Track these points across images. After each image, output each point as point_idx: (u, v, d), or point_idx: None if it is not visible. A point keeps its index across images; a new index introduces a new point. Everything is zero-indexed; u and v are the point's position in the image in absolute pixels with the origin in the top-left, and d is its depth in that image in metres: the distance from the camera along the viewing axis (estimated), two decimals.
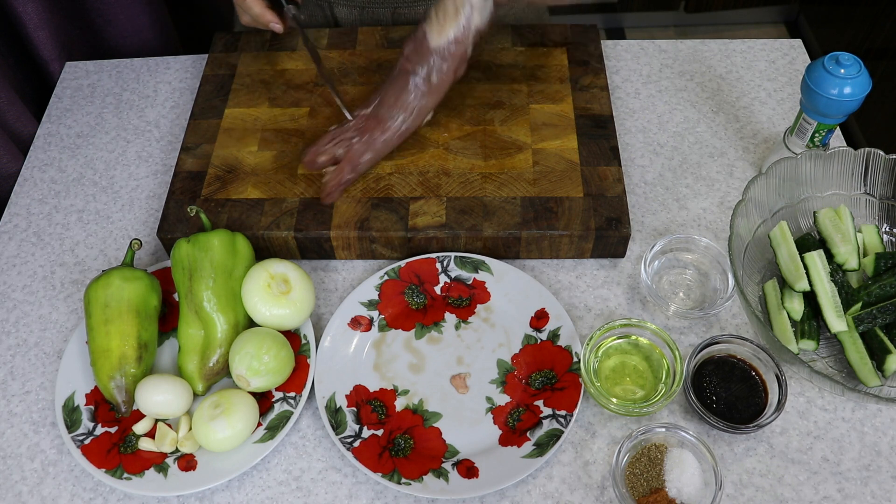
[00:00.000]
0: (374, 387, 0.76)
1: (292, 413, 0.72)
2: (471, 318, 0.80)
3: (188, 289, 0.75)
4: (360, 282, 0.83)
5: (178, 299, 0.78)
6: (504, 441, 0.72)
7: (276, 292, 0.74)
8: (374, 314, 0.80)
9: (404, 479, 0.69)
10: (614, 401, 0.71)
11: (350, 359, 0.77)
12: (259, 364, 0.71)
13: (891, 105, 1.75)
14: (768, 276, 0.79)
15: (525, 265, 0.84)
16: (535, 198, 0.82)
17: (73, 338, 0.77)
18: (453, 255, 0.82)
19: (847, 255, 0.75)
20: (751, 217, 0.77)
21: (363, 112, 0.84)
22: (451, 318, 0.80)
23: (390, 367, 0.77)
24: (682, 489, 0.66)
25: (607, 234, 0.80)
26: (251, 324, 0.77)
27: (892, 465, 0.70)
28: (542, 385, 0.75)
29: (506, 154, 0.86)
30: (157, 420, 0.74)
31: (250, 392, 0.73)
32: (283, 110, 0.91)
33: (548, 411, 0.73)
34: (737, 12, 2.30)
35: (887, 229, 0.80)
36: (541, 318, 0.78)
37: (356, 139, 0.82)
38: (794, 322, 0.74)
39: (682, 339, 0.78)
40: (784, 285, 0.76)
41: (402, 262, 0.81)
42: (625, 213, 0.81)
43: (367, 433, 0.72)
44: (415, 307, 0.81)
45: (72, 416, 0.73)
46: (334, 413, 0.73)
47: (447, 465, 0.71)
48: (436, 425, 0.74)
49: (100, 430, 0.73)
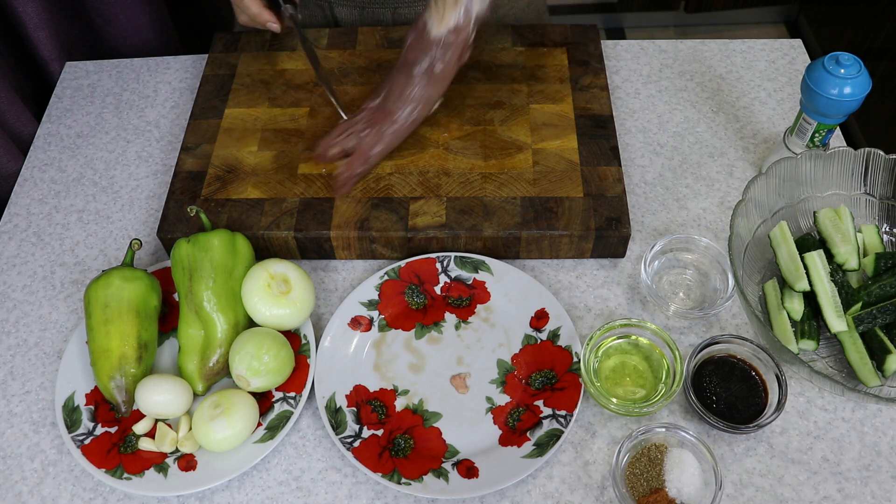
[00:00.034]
0: (374, 387, 0.76)
1: (292, 413, 0.72)
2: (471, 318, 0.80)
3: (188, 289, 0.75)
4: (360, 282, 0.83)
5: (178, 299, 0.78)
6: (504, 441, 0.72)
7: (276, 292, 0.74)
8: (374, 314, 0.80)
9: (404, 479, 0.69)
10: (614, 401, 0.71)
11: (350, 359, 0.77)
12: (259, 364, 0.71)
13: (891, 105, 1.75)
14: (768, 276, 0.79)
15: (525, 265, 0.84)
16: (535, 198, 0.82)
17: (73, 338, 0.77)
18: (453, 255, 0.82)
19: (847, 255, 0.75)
20: (751, 217, 0.77)
21: (372, 104, 0.84)
22: (451, 318, 0.80)
23: (390, 367, 0.77)
24: (682, 489, 0.66)
25: (607, 234, 0.80)
26: (251, 324, 0.77)
27: (892, 465, 0.70)
28: (542, 385, 0.75)
29: (506, 154, 0.86)
30: (157, 420, 0.74)
31: (250, 392, 0.73)
32: (283, 110, 0.91)
33: (548, 411, 0.73)
34: (737, 12, 2.30)
35: (887, 229, 0.80)
36: (541, 318, 0.78)
37: (366, 131, 0.82)
38: (794, 322, 0.74)
39: (682, 339, 0.78)
40: (784, 285, 0.76)
41: (402, 262, 0.81)
42: (625, 213, 0.81)
43: (367, 433, 0.72)
44: (415, 307, 0.81)
45: (72, 416, 0.73)
46: (334, 413, 0.73)
47: (447, 465, 0.70)
48: (436, 425, 0.74)
49: (100, 430, 0.73)
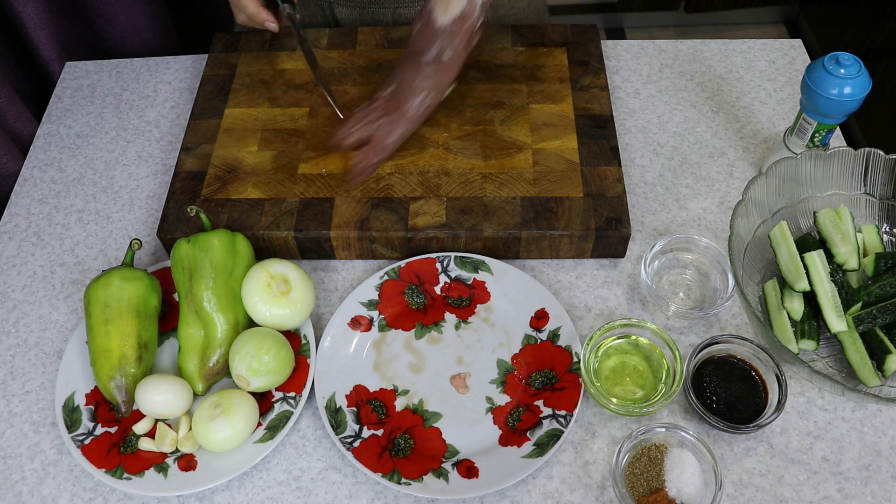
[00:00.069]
0: (374, 387, 0.76)
1: (292, 413, 0.72)
2: (471, 318, 0.80)
3: (188, 289, 0.75)
4: (360, 282, 0.83)
5: (178, 299, 0.78)
6: (504, 441, 0.72)
7: (276, 292, 0.74)
8: (374, 314, 0.80)
9: (404, 479, 0.69)
10: (614, 401, 0.71)
11: (350, 359, 0.77)
12: (259, 364, 0.71)
13: (891, 105, 1.75)
14: (768, 276, 0.79)
15: (525, 265, 0.84)
16: (535, 198, 0.82)
17: (73, 338, 0.77)
18: (453, 255, 0.82)
19: (847, 255, 0.75)
20: (751, 217, 0.77)
21: (384, 93, 0.83)
22: (451, 318, 0.80)
23: (390, 367, 0.77)
24: (682, 489, 0.66)
25: (607, 234, 0.80)
26: (251, 324, 0.77)
27: (892, 465, 0.70)
28: (542, 385, 0.75)
29: (506, 154, 0.86)
30: (157, 420, 0.74)
31: (250, 392, 0.73)
32: (283, 110, 0.91)
33: (548, 411, 0.73)
34: (737, 12, 2.30)
35: (887, 229, 0.80)
36: (541, 318, 0.78)
37: (381, 121, 0.82)
38: (794, 322, 0.74)
39: (682, 339, 0.78)
40: (784, 285, 0.76)
41: (402, 262, 0.81)
42: (625, 213, 0.81)
43: (367, 433, 0.72)
44: (415, 307, 0.81)
45: (72, 416, 0.73)
46: (334, 413, 0.73)
47: (447, 465, 0.70)
48: (436, 425, 0.74)
49: (100, 430, 0.73)
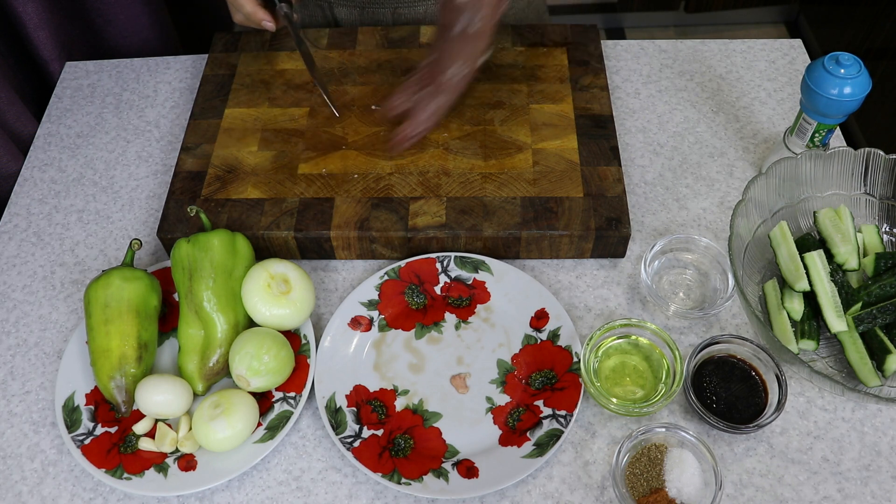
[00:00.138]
0: (374, 387, 0.76)
1: (292, 413, 0.72)
2: (471, 318, 0.80)
3: (188, 289, 0.75)
4: (360, 282, 0.83)
5: (178, 299, 0.78)
6: (504, 441, 0.72)
7: (276, 292, 0.74)
8: (374, 314, 0.80)
9: (404, 479, 0.69)
10: (614, 401, 0.71)
11: (350, 359, 0.77)
12: (259, 364, 0.71)
13: (891, 105, 1.75)
14: (768, 276, 0.79)
15: (525, 265, 0.84)
16: (535, 198, 0.82)
17: (73, 338, 0.77)
18: (453, 255, 0.82)
19: (847, 255, 0.75)
20: (751, 217, 0.77)
21: (424, 66, 0.84)
22: (451, 318, 0.80)
23: (390, 367, 0.77)
24: (682, 489, 0.66)
25: (607, 234, 0.80)
26: (251, 324, 0.77)
27: (892, 465, 0.70)
28: (542, 385, 0.75)
29: (506, 154, 0.86)
30: (157, 420, 0.74)
31: (250, 392, 0.73)
32: (283, 110, 0.91)
33: (548, 411, 0.73)
34: (737, 12, 2.30)
35: (887, 229, 0.80)
36: (541, 318, 0.78)
37: (420, 93, 0.83)
38: (794, 322, 0.74)
39: (682, 339, 0.78)
40: (784, 285, 0.76)
41: (402, 262, 0.81)
42: (625, 213, 0.81)
43: (367, 433, 0.72)
44: (415, 307, 0.81)
45: (72, 416, 0.73)
46: (334, 413, 0.73)
47: (447, 465, 0.70)
48: (436, 425, 0.74)
49: (100, 430, 0.73)
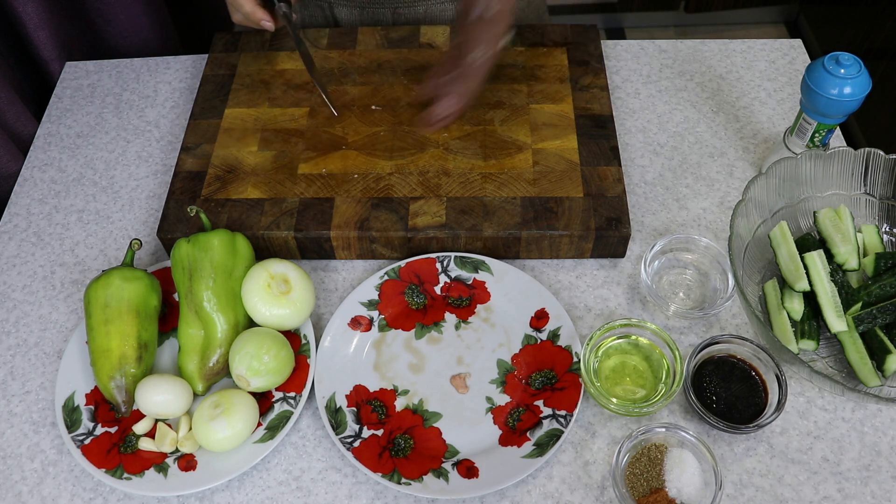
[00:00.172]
0: (374, 387, 0.76)
1: (292, 413, 0.72)
2: (471, 318, 0.80)
3: (188, 289, 0.75)
4: (360, 282, 0.83)
5: (178, 299, 0.78)
6: (504, 441, 0.72)
7: (276, 292, 0.74)
8: (374, 314, 0.80)
9: (404, 479, 0.69)
10: (614, 401, 0.71)
11: (350, 359, 0.77)
12: (259, 364, 0.71)
13: (891, 105, 1.75)
14: (768, 276, 0.79)
15: (525, 265, 0.84)
16: (535, 198, 0.82)
17: (73, 338, 0.77)
18: (453, 255, 0.82)
19: (847, 255, 0.75)
20: (751, 217, 0.77)
21: (449, 51, 0.86)
22: (451, 318, 0.80)
23: (390, 367, 0.77)
24: (682, 489, 0.66)
25: (607, 234, 0.80)
26: (251, 324, 0.77)
27: (892, 465, 0.70)
28: (542, 385, 0.75)
29: (506, 154, 0.86)
30: (157, 420, 0.74)
31: (250, 392, 0.73)
32: (283, 110, 0.91)
33: (548, 411, 0.73)
34: (737, 12, 2.30)
35: (887, 229, 0.80)
36: (541, 318, 0.78)
37: (447, 77, 0.85)
38: (794, 322, 0.74)
39: (682, 339, 0.78)
40: (784, 285, 0.76)
41: (402, 262, 0.81)
42: (625, 213, 0.81)
43: (367, 433, 0.72)
44: (415, 307, 0.81)
45: (72, 416, 0.73)
46: (334, 413, 0.73)
47: (447, 465, 0.70)
48: (436, 425, 0.74)
49: (100, 430, 0.73)
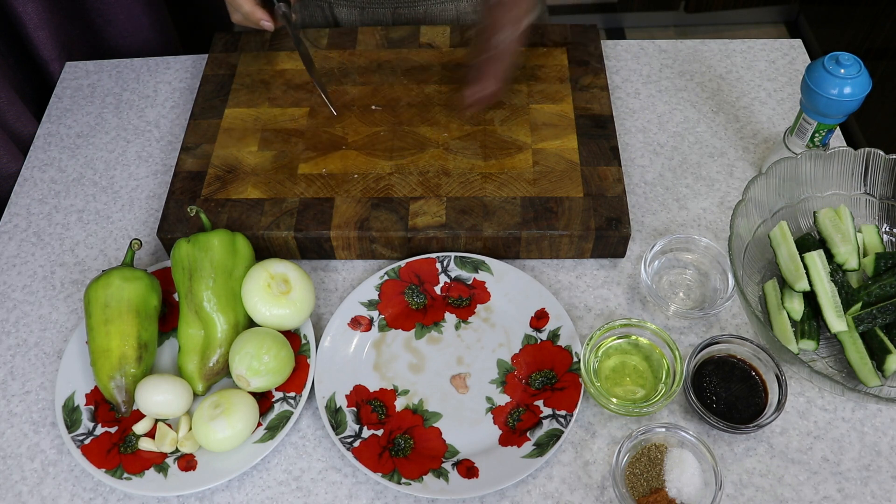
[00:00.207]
0: (374, 387, 0.76)
1: (292, 413, 0.72)
2: (471, 318, 0.80)
3: (188, 289, 0.75)
4: (360, 282, 0.83)
5: (178, 299, 0.78)
6: (504, 441, 0.72)
7: (276, 292, 0.74)
8: (374, 314, 0.80)
9: (404, 479, 0.69)
10: (614, 401, 0.71)
11: (350, 359, 0.77)
12: (259, 364, 0.71)
13: (891, 105, 1.75)
14: (768, 276, 0.79)
15: (525, 265, 0.84)
16: (535, 198, 0.82)
17: (73, 338, 0.77)
18: (453, 255, 0.82)
19: (847, 255, 0.75)
20: (751, 217, 0.77)
21: (475, 33, 0.88)
22: (451, 318, 0.80)
23: (390, 367, 0.77)
24: (682, 489, 0.66)
25: (607, 234, 0.80)
26: (251, 324, 0.77)
27: (892, 465, 0.70)
28: (542, 385, 0.75)
29: (506, 154, 0.86)
30: (157, 420, 0.74)
31: (250, 392, 0.73)
32: (283, 110, 0.91)
33: (548, 411, 0.73)
34: (737, 12, 2.30)
35: (887, 229, 0.80)
36: (541, 318, 0.78)
37: (479, 60, 0.85)
38: (794, 322, 0.74)
39: (682, 339, 0.78)
40: (784, 285, 0.76)
41: (402, 262, 0.81)
42: (625, 213, 0.81)
43: (367, 433, 0.72)
44: (415, 307, 0.81)
45: (72, 416, 0.73)
46: (334, 413, 0.73)
47: (447, 465, 0.70)
48: (436, 425, 0.74)
49: (100, 430, 0.73)
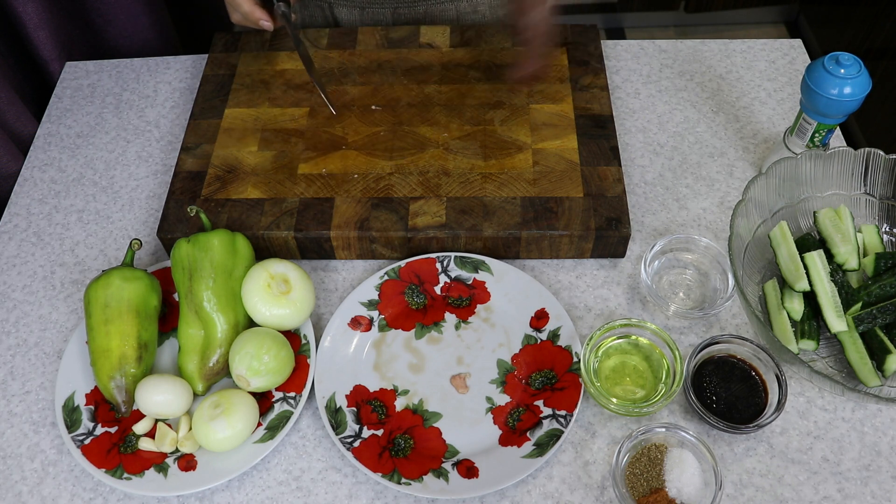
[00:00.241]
0: (374, 387, 0.76)
1: (292, 413, 0.72)
2: (471, 318, 0.80)
3: (188, 289, 0.75)
4: (360, 282, 0.83)
5: (178, 299, 0.78)
6: (504, 441, 0.72)
7: (276, 292, 0.74)
8: (374, 314, 0.80)
9: (404, 479, 0.69)
10: (614, 401, 0.71)
11: (350, 359, 0.77)
12: (259, 364, 0.71)
13: (891, 105, 1.75)
14: (768, 276, 0.79)
15: (525, 265, 0.84)
16: (535, 198, 0.82)
17: (73, 338, 0.77)
18: (453, 255, 0.82)
19: (847, 255, 0.75)
20: (751, 217, 0.77)
21: (507, 17, 0.90)
22: (451, 318, 0.80)
23: (390, 367, 0.77)
24: (682, 489, 0.66)
25: (607, 234, 0.80)
26: (251, 324, 0.77)
27: (892, 465, 0.70)
28: (542, 385, 0.75)
29: (506, 154, 0.86)
30: (157, 420, 0.74)
31: (250, 392, 0.73)
32: (283, 110, 0.91)
33: (548, 411, 0.73)
34: (737, 12, 2.30)
35: (887, 229, 0.80)
36: (541, 318, 0.78)
37: (518, 41, 0.87)
38: (794, 322, 0.74)
39: (682, 339, 0.78)
40: (784, 285, 0.76)
41: (402, 262, 0.81)
42: (625, 213, 0.81)
43: (367, 433, 0.72)
44: (415, 307, 0.81)
45: (72, 416, 0.73)
46: (334, 413, 0.73)
47: (447, 465, 0.70)
48: (436, 425, 0.74)
49: (100, 430, 0.73)
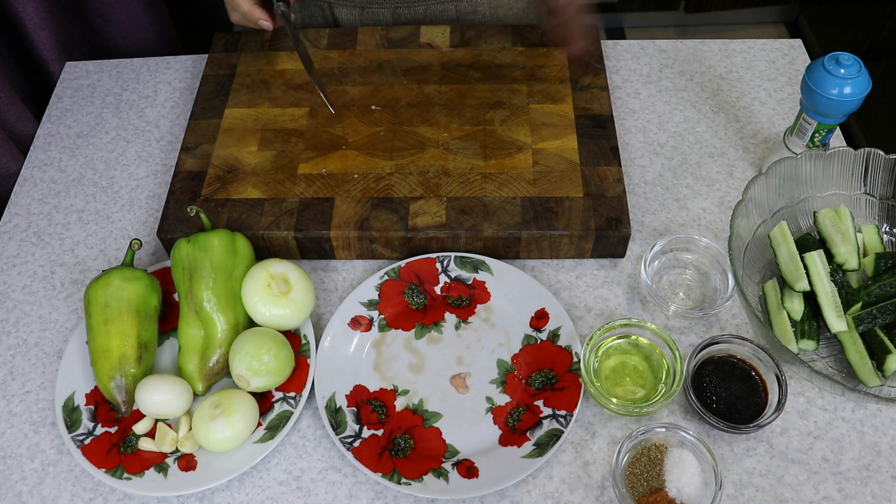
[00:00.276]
0: (374, 387, 0.76)
1: (292, 413, 0.72)
2: (471, 318, 0.80)
3: (188, 289, 0.75)
4: (360, 282, 0.83)
5: (178, 299, 0.78)
6: (504, 441, 0.72)
7: (276, 292, 0.74)
8: (374, 314, 0.80)
9: (404, 479, 0.69)
10: (614, 401, 0.71)
11: (350, 359, 0.77)
12: (259, 364, 0.71)
13: (891, 105, 1.75)
14: (768, 276, 0.79)
15: (525, 265, 0.84)
16: (535, 198, 0.82)
17: (73, 338, 0.77)
18: (453, 255, 0.82)
19: (847, 255, 0.75)
20: (751, 217, 0.77)
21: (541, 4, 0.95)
22: (451, 318, 0.80)
23: (390, 367, 0.77)
24: (682, 489, 0.66)
25: (607, 234, 0.80)
26: (251, 324, 0.77)
27: (892, 465, 0.70)
28: (542, 385, 0.75)
29: (506, 154, 0.86)
30: (157, 420, 0.74)
31: (250, 392, 0.73)
32: (283, 110, 0.91)
33: (548, 411, 0.73)
34: (737, 12, 2.30)
35: (887, 229, 0.80)
36: (541, 318, 0.78)
37: (558, 25, 0.88)
38: (794, 322, 0.74)
39: (682, 339, 0.78)
40: (784, 285, 0.76)
41: (402, 262, 0.81)
42: (625, 213, 0.81)
43: (367, 433, 0.72)
44: (415, 307, 0.81)
45: (72, 416, 0.73)
46: (334, 413, 0.73)
47: (447, 465, 0.70)
48: (436, 425, 0.74)
49: (100, 430, 0.73)
